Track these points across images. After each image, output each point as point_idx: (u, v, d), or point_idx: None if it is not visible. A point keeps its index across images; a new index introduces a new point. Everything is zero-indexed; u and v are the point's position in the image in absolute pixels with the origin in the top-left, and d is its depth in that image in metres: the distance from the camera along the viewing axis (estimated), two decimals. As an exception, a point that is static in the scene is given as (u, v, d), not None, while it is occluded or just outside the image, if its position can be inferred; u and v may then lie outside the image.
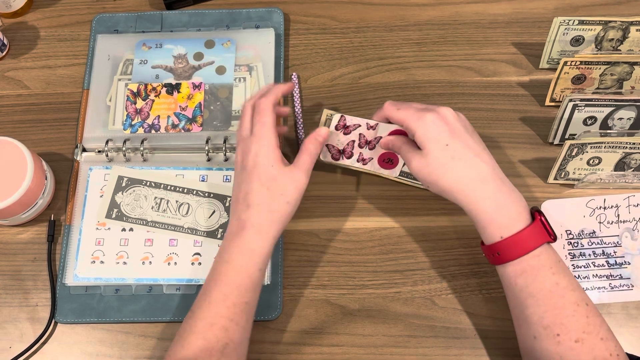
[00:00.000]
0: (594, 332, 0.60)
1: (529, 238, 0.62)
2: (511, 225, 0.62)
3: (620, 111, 0.74)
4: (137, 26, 0.87)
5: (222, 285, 0.63)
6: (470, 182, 0.63)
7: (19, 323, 0.73)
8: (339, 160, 0.74)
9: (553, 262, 0.62)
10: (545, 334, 0.60)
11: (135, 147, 0.79)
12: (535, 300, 0.61)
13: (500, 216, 0.62)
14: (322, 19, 0.88)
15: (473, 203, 0.63)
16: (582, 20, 0.76)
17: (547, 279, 0.61)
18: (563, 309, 0.60)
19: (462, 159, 0.63)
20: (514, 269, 0.62)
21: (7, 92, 0.85)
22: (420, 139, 0.64)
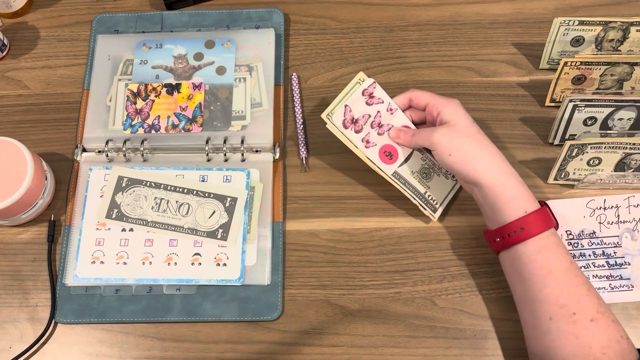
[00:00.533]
0: (606, 313, 0.61)
1: (547, 216, 0.64)
2: (532, 201, 0.65)
3: (620, 111, 0.74)
4: (137, 26, 0.87)
5: None
6: (492, 155, 0.66)
7: (19, 323, 0.73)
8: (346, 129, 0.71)
9: (563, 243, 0.64)
10: (562, 313, 0.61)
11: (135, 148, 0.79)
12: (554, 277, 0.62)
13: (524, 192, 0.65)
14: (322, 19, 0.88)
15: (498, 176, 0.65)
16: (582, 21, 0.76)
17: (565, 256, 0.63)
18: (579, 286, 0.62)
19: (485, 137, 0.68)
20: (536, 245, 0.63)
21: (7, 92, 0.85)
22: (447, 114, 0.68)
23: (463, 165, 0.66)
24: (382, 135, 0.73)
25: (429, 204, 0.74)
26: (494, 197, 0.65)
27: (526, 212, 0.64)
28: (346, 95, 0.72)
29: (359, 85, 0.73)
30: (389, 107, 0.73)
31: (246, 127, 0.80)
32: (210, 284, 0.73)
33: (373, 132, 0.72)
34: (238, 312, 0.72)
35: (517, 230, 0.63)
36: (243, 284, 0.73)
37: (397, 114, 0.74)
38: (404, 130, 0.73)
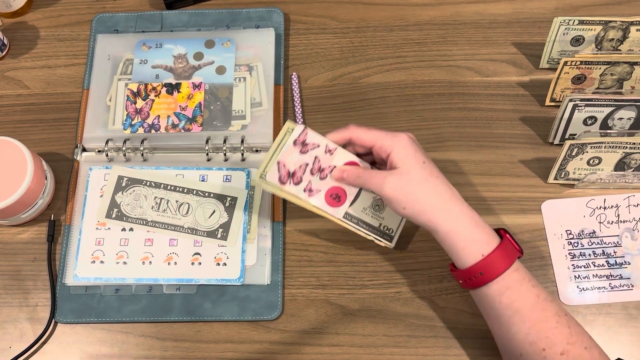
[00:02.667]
0: (578, 342, 0.60)
1: (506, 252, 0.61)
2: (490, 241, 0.61)
3: (620, 111, 0.74)
4: (137, 26, 0.87)
5: None
6: (449, 199, 0.62)
7: (19, 323, 0.73)
8: (285, 185, 0.67)
9: (529, 275, 0.62)
10: (532, 350, 0.60)
11: (135, 147, 0.79)
12: (520, 316, 0.60)
13: (480, 233, 0.62)
14: (322, 19, 0.88)
15: (453, 221, 0.62)
16: (582, 20, 0.76)
17: (530, 292, 0.61)
18: (546, 321, 0.60)
19: (438, 177, 0.63)
20: (499, 287, 0.61)
21: (7, 92, 0.85)
22: (397, 157, 0.63)
23: (418, 215, 0.62)
24: (325, 179, 0.67)
25: (384, 235, 0.70)
26: (451, 243, 0.62)
27: (483, 255, 0.61)
28: (277, 149, 0.66)
29: (289, 136, 0.67)
30: (327, 149, 0.67)
31: (246, 126, 0.80)
32: (210, 283, 0.73)
33: (314, 178, 0.67)
34: (238, 311, 0.72)
35: (477, 274, 0.61)
36: (243, 283, 0.73)
37: (337, 153, 0.67)
38: (347, 170, 0.67)
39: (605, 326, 0.71)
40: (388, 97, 0.83)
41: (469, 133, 0.80)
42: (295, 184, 0.67)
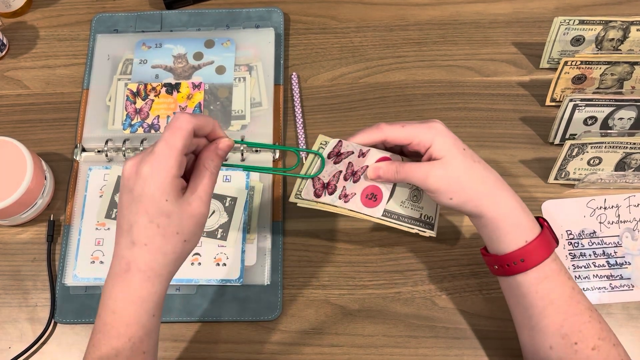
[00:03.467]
0: (607, 338, 0.60)
1: (547, 242, 0.60)
2: (534, 228, 0.60)
3: (620, 111, 0.74)
4: (136, 26, 0.87)
5: (113, 339, 0.53)
6: (494, 184, 0.60)
7: (18, 323, 0.73)
8: (320, 197, 0.63)
9: (565, 267, 0.61)
10: (563, 343, 0.59)
11: (135, 147, 0.79)
12: (555, 307, 0.59)
13: (525, 219, 0.60)
14: (322, 19, 0.88)
15: (499, 207, 0.60)
16: (583, 20, 0.76)
17: (566, 284, 0.60)
18: (581, 315, 0.59)
19: (480, 162, 0.61)
20: (537, 275, 0.59)
21: (6, 92, 0.85)
22: (439, 148, 0.59)
23: (464, 204, 0.60)
24: (358, 182, 0.64)
25: (426, 224, 0.66)
26: (494, 227, 0.60)
27: (527, 241, 0.59)
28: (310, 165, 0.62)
29: (323, 150, 0.63)
30: (360, 153, 0.63)
31: (246, 126, 0.80)
32: (210, 283, 0.73)
33: (348, 183, 0.64)
34: (238, 312, 0.72)
35: (517, 261, 0.59)
36: (243, 283, 0.73)
37: (370, 153, 0.64)
38: (383, 168, 0.63)
39: (606, 326, 0.71)
40: (388, 97, 0.82)
41: (469, 133, 0.80)
42: (330, 194, 0.63)
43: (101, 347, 0.54)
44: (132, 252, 0.53)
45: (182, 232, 0.53)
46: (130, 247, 0.53)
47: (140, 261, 0.53)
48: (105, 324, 0.54)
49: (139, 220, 0.52)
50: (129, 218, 0.53)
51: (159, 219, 0.52)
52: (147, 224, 0.52)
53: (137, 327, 0.54)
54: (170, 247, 0.53)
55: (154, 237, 0.52)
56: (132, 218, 0.53)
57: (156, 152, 0.52)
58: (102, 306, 0.54)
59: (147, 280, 0.53)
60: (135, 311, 0.54)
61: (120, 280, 0.53)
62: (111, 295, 0.54)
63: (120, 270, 0.53)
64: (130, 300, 0.53)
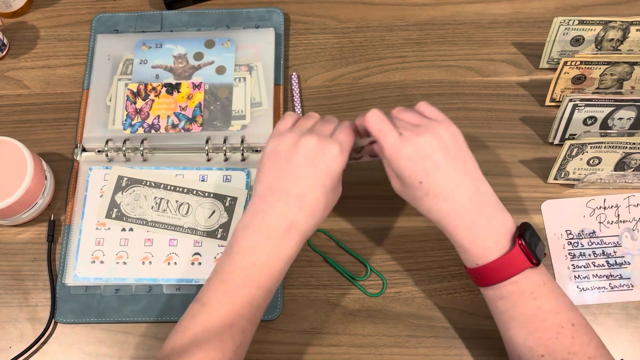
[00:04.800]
0: (581, 352, 0.58)
1: (504, 267, 0.59)
2: (486, 255, 0.60)
3: (620, 111, 0.74)
4: (137, 26, 0.87)
5: (253, 287, 0.59)
6: (446, 214, 0.61)
7: (18, 323, 0.73)
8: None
9: (535, 286, 0.60)
10: (530, 355, 0.60)
11: (135, 147, 0.79)
12: (517, 323, 0.60)
13: (474, 246, 0.60)
14: (322, 19, 0.88)
15: (450, 233, 0.61)
16: (582, 20, 0.76)
17: (528, 304, 0.59)
18: (546, 331, 0.59)
19: (437, 195, 0.60)
20: (493, 294, 0.61)
21: (7, 92, 0.85)
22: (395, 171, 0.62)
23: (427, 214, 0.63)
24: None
25: None
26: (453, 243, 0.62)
27: (477, 265, 0.60)
28: None
29: None
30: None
31: (246, 126, 0.80)
32: (210, 283, 0.73)
33: None
34: (238, 311, 0.72)
35: (473, 278, 0.62)
36: (243, 283, 0.73)
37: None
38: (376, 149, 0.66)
39: (605, 326, 0.71)
40: (388, 97, 0.83)
41: (469, 133, 0.80)
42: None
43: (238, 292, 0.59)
44: (298, 216, 0.60)
45: (330, 208, 0.63)
46: (298, 212, 0.60)
47: (302, 224, 0.60)
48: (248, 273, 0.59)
49: (315, 191, 0.60)
50: (303, 186, 0.60)
51: (329, 194, 0.61)
52: (320, 196, 0.61)
53: (276, 281, 0.60)
54: (322, 217, 0.62)
55: (320, 208, 0.61)
56: (307, 188, 0.60)
57: (341, 140, 0.62)
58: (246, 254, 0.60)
59: (300, 242, 0.61)
60: (281, 266, 0.60)
61: (279, 239, 0.60)
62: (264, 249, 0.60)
63: (281, 229, 0.60)
64: (281, 257, 0.60)
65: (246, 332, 0.60)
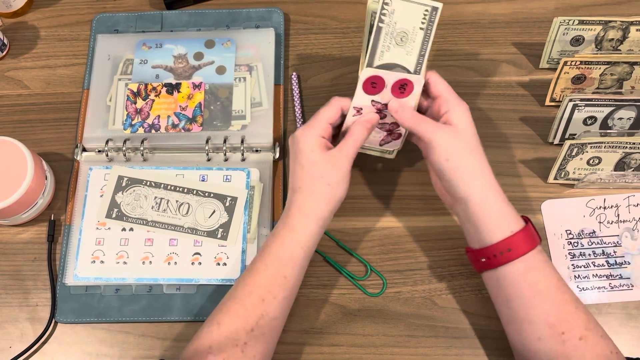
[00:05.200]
0: (594, 329, 0.61)
1: (532, 234, 0.62)
2: (519, 220, 0.63)
3: (620, 111, 0.74)
4: (137, 26, 0.87)
5: (265, 255, 0.65)
6: (489, 172, 0.64)
7: (19, 323, 0.73)
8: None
9: (549, 259, 0.64)
10: (551, 333, 0.60)
11: (135, 147, 0.79)
12: (542, 297, 0.61)
13: (510, 211, 0.63)
14: (322, 18, 0.88)
15: (487, 193, 0.63)
16: (582, 20, 0.76)
17: (552, 275, 0.62)
18: (568, 304, 0.61)
19: (483, 153, 0.65)
20: (524, 265, 0.61)
21: (7, 92, 0.85)
22: (457, 117, 0.65)
23: (455, 174, 0.63)
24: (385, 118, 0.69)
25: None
26: (480, 216, 0.63)
27: (512, 232, 0.61)
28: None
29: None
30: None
31: (246, 126, 0.80)
32: (210, 283, 0.73)
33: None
34: (238, 311, 0.72)
35: (504, 251, 0.61)
36: (243, 283, 0.73)
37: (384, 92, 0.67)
38: (404, 106, 0.67)
39: (605, 326, 0.70)
40: (388, 97, 0.82)
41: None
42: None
43: (255, 262, 0.66)
44: (293, 197, 0.67)
45: (325, 176, 0.66)
46: (292, 194, 0.67)
47: (297, 201, 0.66)
48: (265, 246, 0.66)
49: (296, 170, 0.67)
50: (292, 173, 0.68)
51: (308, 167, 0.66)
52: (300, 171, 0.67)
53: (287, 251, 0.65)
54: (316, 188, 0.66)
55: (305, 181, 0.66)
56: (292, 172, 0.68)
57: (308, 122, 0.68)
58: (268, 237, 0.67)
59: (302, 216, 0.66)
60: (287, 237, 0.66)
61: (284, 217, 0.67)
62: (276, 228, 0.67)
63: (285, 212, 0.67)
64: (287, 229, 0.66)
65: (265, 303, 0.63)
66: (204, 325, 0.64)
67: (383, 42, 0.64)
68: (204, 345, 0.61)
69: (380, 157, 0.76)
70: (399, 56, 0.65)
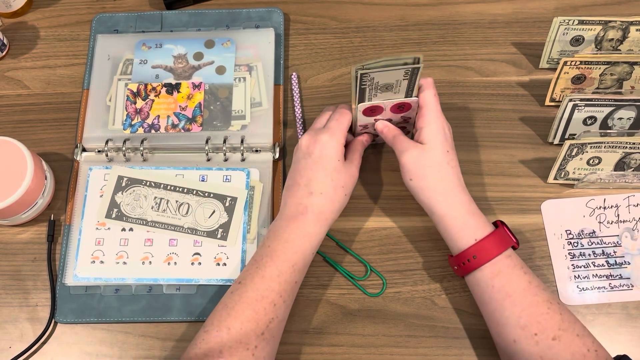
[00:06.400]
0: (570, 329, 0.61)
1: (500, 239, 0.65)
2: (483, 228, 0.66)
3: (620, 111, 0.74)
4: (137, 26, 0.87)
5: (279, 262, 0.65)
6: (454, 187, 0.67)
7: (19, 323, 0.73)
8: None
9: (521, 262, 0.65)
10: (524, 335, 0.61)
11: (135, 147, 0.79)
12: (512, 300, 0.63)
13: (474, 220, 0.66)
14: (322, 19, 0.88)
15: (449, 207, 0.66)
16: (582, 20, 0.76)
17: (521, 278, 0.64)
18: (538, 306, 0.62)
19: (454, 168, 0.68)
20: (491, 270, 0.64)
21: (7, 92, 0.85)
22: (426, 136, 0.68)
23: (420, 191, 0.68)
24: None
25: None
26: (445, 227, 0.67)
27: (476, 240, 0.65)
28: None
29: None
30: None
31: (246, 126, 0.80)
32: (210, 283, 0.73)
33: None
34: (238, 311, 0.72)
35: (470, 258, 0.65)
36: (243, 283, 0.73)
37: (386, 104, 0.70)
38: (389, 127, 0.71)
39: (605, 326, 0.71)
40: (388, 97, 0.83)
41: (469, 133, 0.80)
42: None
43: (266, 267, 0.65)
44: (309, 200, 0.67)
45: (344, 186, 0.69)
46: (308, 196, 0.67)
47: (315, 206, 0.67)
48: (275, 251, 0.66)
49: (318, 175, 0.68)
50: (307, 174, 0.68)
51: (332, 174, 0.68)
52: (324, 177, 0.68)
53: (300, 257, 0.66)
54: (337, 197, 0.68)
55: (328, 188, 0.68)
56: (311, 174, 0.68)
57: (331, 127, 0.69)
58: (273, 238, 0.67)
59: (318, 221, 0.67)
60: (303, 243, 0.66)
61: (295, 219, 0.67)
62: (286, 230, 0.67)
63: (297, 213, 0.67)
64: (302, 235, 0.66)
65: (277, 307, 0.64)
66: (208, 327, 0.63)
67: (369, 94, 0.68)
68: (214, 350, 0.61)
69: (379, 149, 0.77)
70: (388, 95, 0.68)
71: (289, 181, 0.70)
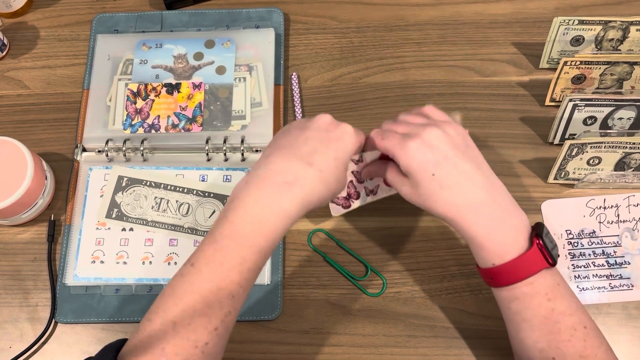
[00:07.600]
0: (592, 355, 0.58)
1: (522, 266, 0.58)
2: (503, 254, 0.58)
3: (620, 111, 0.74)
4: (137, 26, 0.87)
5: (244, 247, 0.55)
6: (462, 208, 0.59)
7: (19, 323, 0.73)
8: (351, 207, 0.71)
9: (549, 287, 0.59)
10: (541, 357, 0.58)
11: (135, 147, 0.79)
12: (529, 325, 0.59)
13: (492, 244, 0.59)
14: (322, 19, 0.88)
15: (466, 229, 0.59)
16: (582, 20, 0.76)
17: (542, 306, 0.58)
18: (558, 334, 0.58)
19: (452, 187, 0.59)
20: (507, 295, 0.60)
21: (7, 92, 0.85)
22: (405, 170, 0.60)
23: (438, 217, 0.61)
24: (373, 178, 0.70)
25: None
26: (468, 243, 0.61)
27: (493, 264, 0.59)
28: None
29: None
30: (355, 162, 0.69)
31: (246, 126, 0.80)
32: (210, 283, 0.73)
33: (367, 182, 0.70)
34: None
35: (488, 278, 0.60)
36: (243, 283, 0.73)
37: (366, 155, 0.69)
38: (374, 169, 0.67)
39: (605, 326, 0.71)
40: (388, 97, 0.83)
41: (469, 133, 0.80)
42: (357, 199, 0.71)
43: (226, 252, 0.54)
44: (305, 171, 0.57)
45: (337, 183, 0.60)
46: (305, 167, 0.57)
47: (307, 180, 0.57)
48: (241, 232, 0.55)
49: (327, 152, 0.59)
50: (314, 146, 0.59)
51: (339, 162, 0.60)
52: (331, 159, 0.59)
53: (271, 242, 0.56)
54: (331, 186, 0.59)
55: (329, 170, 0.59)
56: (319, 147, 0.59)
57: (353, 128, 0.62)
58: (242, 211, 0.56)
59: (302, 199, 0.57)
60: (278, 226, 0.56)
61: (277, 188, 0.56)
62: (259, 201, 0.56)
63: (282, 179, 0.57)
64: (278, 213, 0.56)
65: (235, 299, 0.55)
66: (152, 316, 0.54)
67: None
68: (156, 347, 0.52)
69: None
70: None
71: (282, 140, 0.60)
